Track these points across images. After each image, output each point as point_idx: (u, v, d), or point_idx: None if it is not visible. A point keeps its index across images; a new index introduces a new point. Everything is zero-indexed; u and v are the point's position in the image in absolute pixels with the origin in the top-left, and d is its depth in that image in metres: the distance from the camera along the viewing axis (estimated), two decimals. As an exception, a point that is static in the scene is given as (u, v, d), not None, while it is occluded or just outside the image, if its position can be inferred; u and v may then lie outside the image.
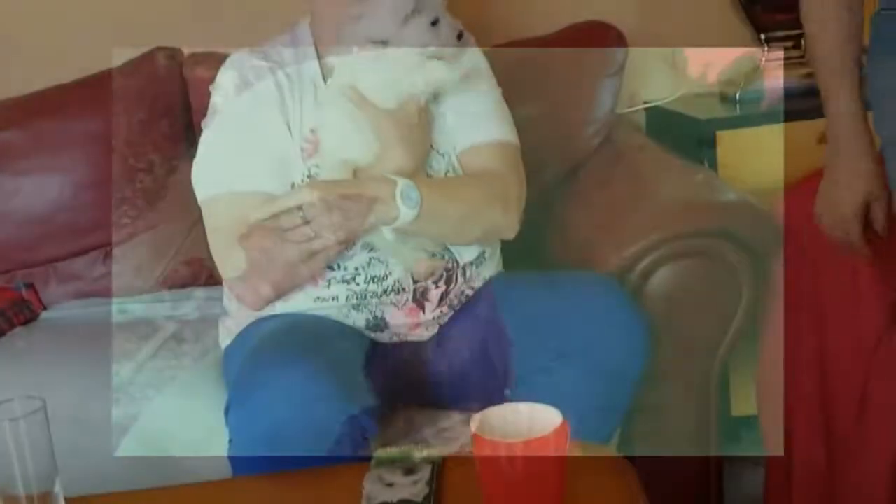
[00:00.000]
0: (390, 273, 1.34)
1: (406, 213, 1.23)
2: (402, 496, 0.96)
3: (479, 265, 1.40)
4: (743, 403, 1.63)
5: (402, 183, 1.24)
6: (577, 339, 1.26)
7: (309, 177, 1.33)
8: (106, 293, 1.75)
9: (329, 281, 1.34)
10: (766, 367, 1.52)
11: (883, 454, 1.36)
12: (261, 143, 1.33)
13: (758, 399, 1.54)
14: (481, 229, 1.36)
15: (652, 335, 1.31)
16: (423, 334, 1.38)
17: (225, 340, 1.43)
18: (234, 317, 1.41)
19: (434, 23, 1.27)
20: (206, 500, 1.04)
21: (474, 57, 1.39)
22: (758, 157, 1.82)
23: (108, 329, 1.59)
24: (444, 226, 1.31)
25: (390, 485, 0.98)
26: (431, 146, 1.36)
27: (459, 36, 1.30)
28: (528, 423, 0.91)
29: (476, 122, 1.39)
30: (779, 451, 1.46)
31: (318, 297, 1.35)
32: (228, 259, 1.33)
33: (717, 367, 1.48)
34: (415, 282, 1.35)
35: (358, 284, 1.34)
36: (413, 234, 1.28)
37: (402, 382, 1.37)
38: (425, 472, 1.00)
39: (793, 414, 1.46)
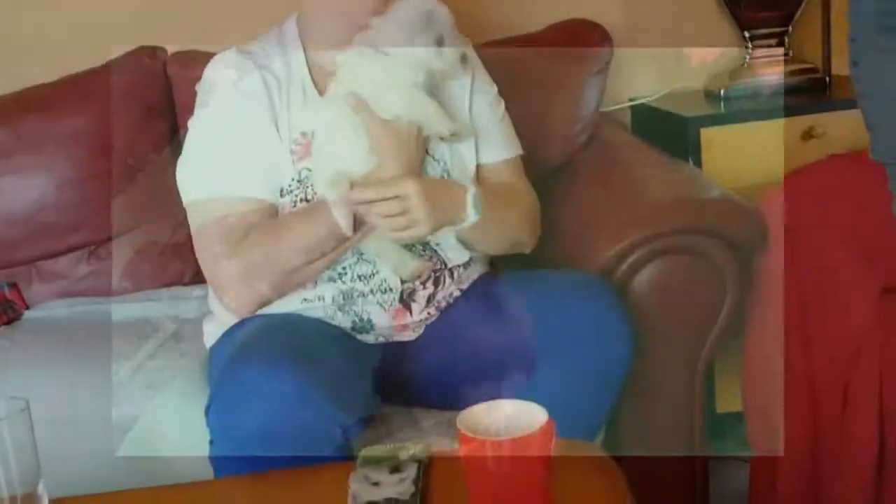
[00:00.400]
0: (377, 272, 1.34)
1: (472, 217, 1.30)
2: (388, 495, 0.95)
3: (468, 266, 1.41)
4: (728, 400, 1.64)
5: (472, 189, 1.29)
6: (564, 338, 1.26)
7: (299, 181, 1.33)
8: (90, 292, 1.74)
9: (316, 280, 1.34)
10: (752, 363, 1.52)
11: (867, 447, 1.37)
12: (248, 145, 1.33)
13: (743, 396, 1.55)
14: (510, 242, 1.43)
15: (637, 333, 1.31)
16: (409, 335, 1.38)
17: (210, 341, 1.42)
18: (219, 317, 1.41)
19: (439, 42, 1.28)
20: (191, 500, 1.03)
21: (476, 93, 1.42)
22: (742, 154, 1.82)
23: (92, 329, 1.58)
24: (489, 234, 1.37)
25: (376, 483, 0.97)
26: (427, 152, 1.36)
27: (463, 59, 1.32)
28: (513, 420, 0.90)
29: (492, 138, 1.44)
30: (773, 450, 1.46)
31: (305, 298, 1.35)
32: (217, 263, 1.32)
33: (702, 363, 1.49)
34: (402, 282, 1.35)
35: (345, 283, 1.34)
36: (463, 237, 1.35)
37: (388, 382, 1.36)
38: (412, 471, 0.99)
39: (778, 411, 1.46)
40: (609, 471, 1.01)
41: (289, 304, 1.34)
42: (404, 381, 1.39)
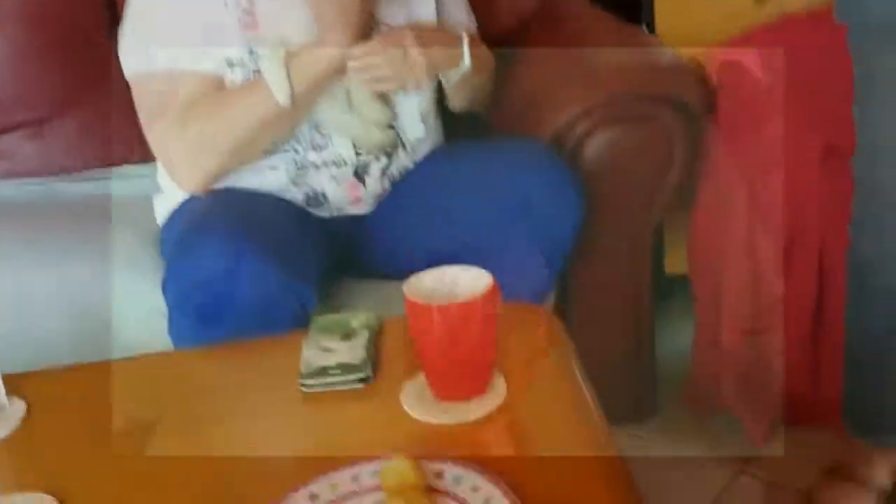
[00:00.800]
0: (331, 144, 1.33)
1: (467, 62, 1.33)
2: (339, 360, 0.97)
3: (422, 141, 1.40)
4: (677, 262, 1.68)
5: (464, 34, 1.34)
6: (514, 204, 1.27)
7: (250, 52, 1.29)
8: (36, 172, 1.71)
9: (269, 152, 1.32)
10: (698, 225, 1.55)
11: (806, 305, 1.42)
12: (191, 13, 1.28)
13: (689, 258, 1.58)
14: (482, 96, 1.46)
15: (588, 198, 1.33)
16: (363, 209, 1.38)
17: (161, 217, 1.41)
18: (170, 194, 1.40)
19: None
20: (146, 372, 1.04)
21: None
22: (696, 15, 1.80)
23: (39, 208, 1.57)
24: (473, 83, 1.39)
25: (328, 350, 0.99)
26: (378, 21, 1.33)
27: None
28: (459, 285, 0.92)
29: (452, 6, 1.43)
30: (716, 307, 1.50)
31: (256, 168, 1.33)
32: (163, 138, 1.30)
33: (650, 227, 1.51)
34: (357, 154, 1.34)
35: (298, 153, 1.33)
36: (452, 85, 1.38)
37: (343, 256, 1.38)
38: (363, 337, 1.01)
39: (723, 271, 1.51)
40: (555, 328, 1.04)
41: (241, 177, 1.33)
42: (359, 254, 1.40)
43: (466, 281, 0.92)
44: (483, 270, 0.92)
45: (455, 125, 1.51)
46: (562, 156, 1.40)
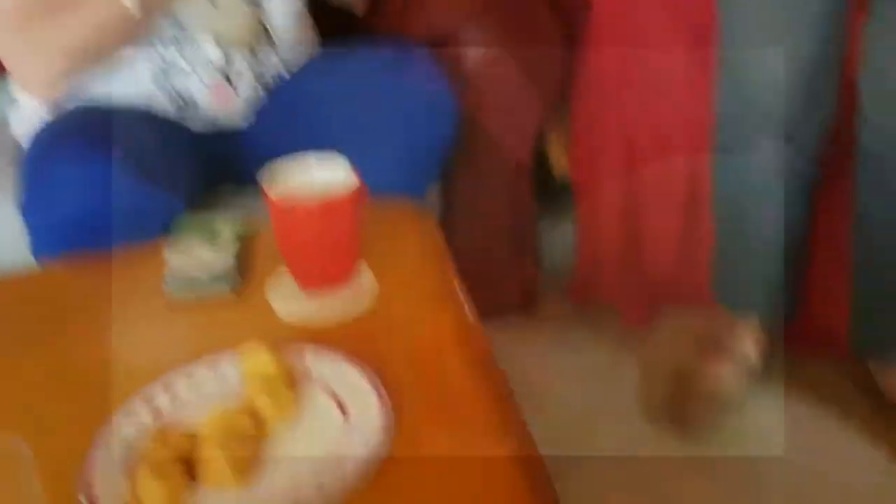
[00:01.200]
0: (194, 40, 1.29)
1: None
2: (206, 268, 0.95)
3: (294, 47, 1.36)
4: (560, 168, 1.70)
5: None
6: (388, 110, 1.25)
7: None
8: None
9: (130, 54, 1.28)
10: (577, 124, 1.57)
11: (677, 189, 1.46)
12: None
13: (570, 153, 1.61)
14: None
15: (469, 105, 1.32)
16: (238, 121, 1.35)
17: (18, 131, 1.35)
18: (27, 107, 1.33)
19: None
20: (9, 291, 1.01)
21: None
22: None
23: None
24: None
25: (195, 257, 0.97)
26: None
27: None
28: (320, 175, 0.91)
29: None
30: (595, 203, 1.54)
31: (115, 69, 1.28)
32: (7, 40, 1.23)
33: (533, 128, 1.52)
34: (223, 54, 1.30)
35: (157, 47, 1.28)
36: None
37: (220, 173, 1.34)
38: (231, 243, 0.99)
39: (601, 164, 1.54)
40: (426, 224, 1.04)
41: (100, 80, 1.28)
42: (237, 170, 1.36)
43: (326, 171, 0.91)
44: (343, 159, 0.91)
45: (331, 30, 1.47)
46: (439, 62, 1.38)
